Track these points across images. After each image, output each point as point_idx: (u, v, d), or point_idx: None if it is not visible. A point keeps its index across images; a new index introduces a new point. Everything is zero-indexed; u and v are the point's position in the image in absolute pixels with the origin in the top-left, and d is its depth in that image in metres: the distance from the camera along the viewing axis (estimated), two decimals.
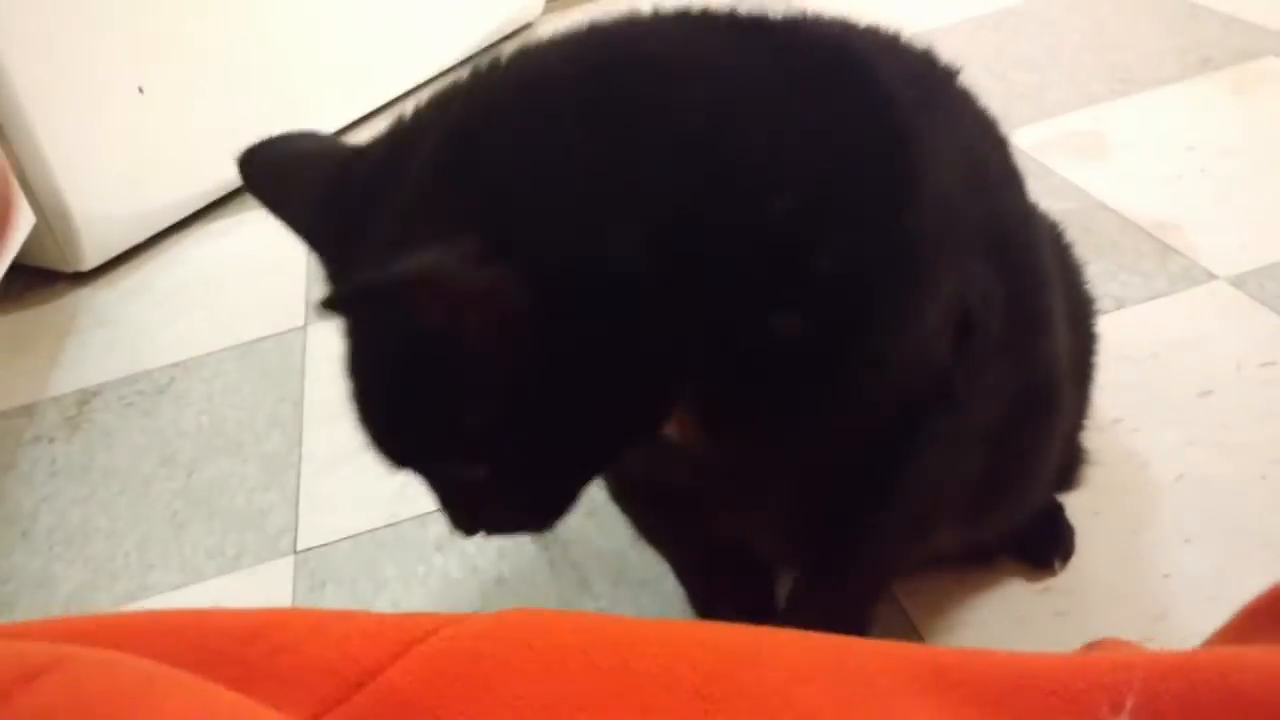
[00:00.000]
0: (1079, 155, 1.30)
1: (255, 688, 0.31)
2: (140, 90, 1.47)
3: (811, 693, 0.31)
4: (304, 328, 1.32)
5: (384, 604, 0.89)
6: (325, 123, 1.78)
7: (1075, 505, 0.82)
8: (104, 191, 1.46)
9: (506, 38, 2.08)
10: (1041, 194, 1.23)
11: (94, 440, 1.18)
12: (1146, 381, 0.94)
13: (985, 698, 0.30)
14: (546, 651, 0.33)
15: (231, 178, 1.62)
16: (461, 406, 0.48)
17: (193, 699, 0.28)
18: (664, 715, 0.31)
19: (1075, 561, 0.79)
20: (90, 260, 1.50)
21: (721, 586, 0.76)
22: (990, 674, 0.31)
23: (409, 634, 0.33)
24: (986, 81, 0.72)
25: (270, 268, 1.47)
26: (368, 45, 1.81)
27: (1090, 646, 0.60)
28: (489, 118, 0.48)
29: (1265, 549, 0.76)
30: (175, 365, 1.29)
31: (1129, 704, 0.28)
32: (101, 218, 1.48)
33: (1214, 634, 0.40)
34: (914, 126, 0.50)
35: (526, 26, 2.12)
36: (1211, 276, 1.04)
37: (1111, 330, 1.01)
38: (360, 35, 1.80)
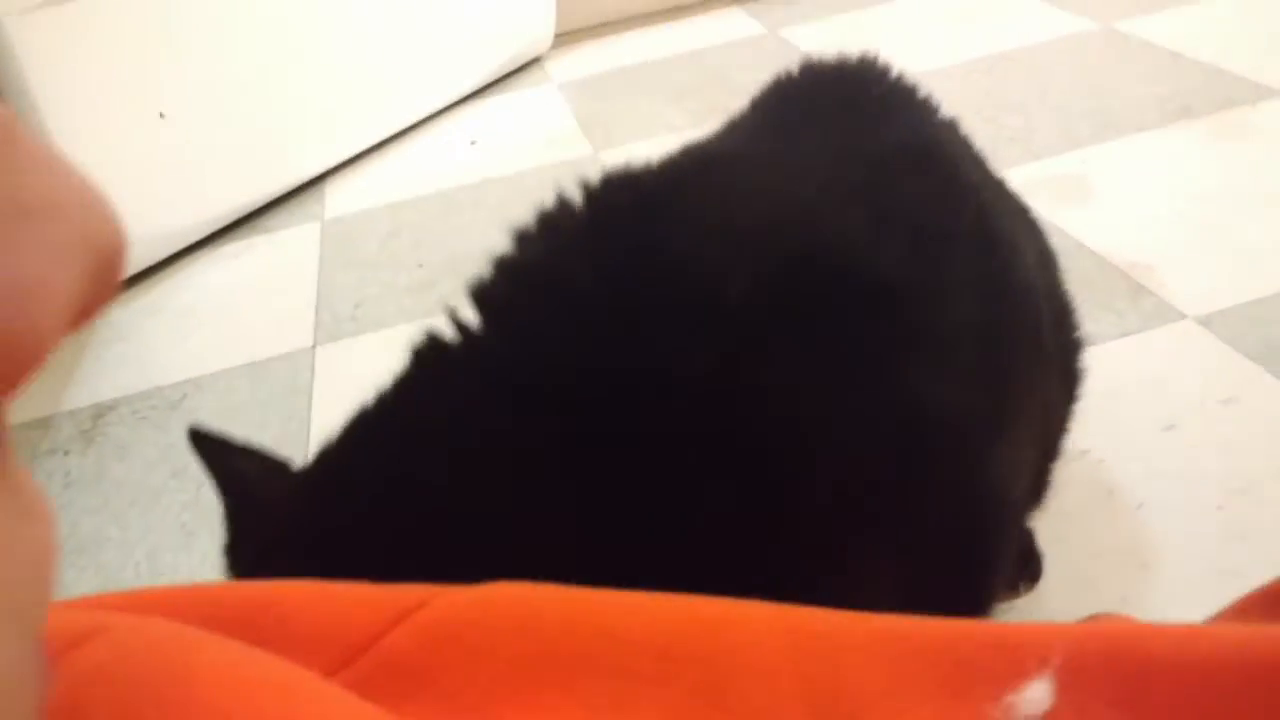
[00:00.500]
0: (1062, 197, 1.36)
1: (269, 651, 0.35)
2: (161, 115, 1.53)
3: (768, 652, 0.35)
4: (312, 348, 1.36)
5: None
6: (332, 153, 1.84)
7: (1041, 530, 0.86)
8: (123, 212, 1.51)
9: (516, 71, 2.14)
10: None
11: (107, 453, 1.23)
12: (1114, 415, 0.98)
13: (928, 651, 0.34)
14: (530, 618, 0.36)
15: (245, 202, 1.69)
16: None
17: (224, 652, 0.32)
18: (634, 676, 0.35)
19: (1040, 585, 0.83)
20: None
21: None
22: (934, 633, 0.35)
23: (405, 602, 0.37)
24: (976, 124, 0.76)
25: (280, 290, 1.52)
26: (379, 76, 1.87)
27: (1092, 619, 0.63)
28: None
29: (1219, 575, 0.81)
30: (187, 382, 1.34)
31: (1055, 661, 0.32)
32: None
33: (1209, 618, 0.43)
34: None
35: (535, 61, 2.18)
36: (1181, 316, 1.09)
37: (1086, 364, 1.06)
38: (373, 66, 1.86)
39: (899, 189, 0.58)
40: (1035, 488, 0.72)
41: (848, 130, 0.62)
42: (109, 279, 0.20)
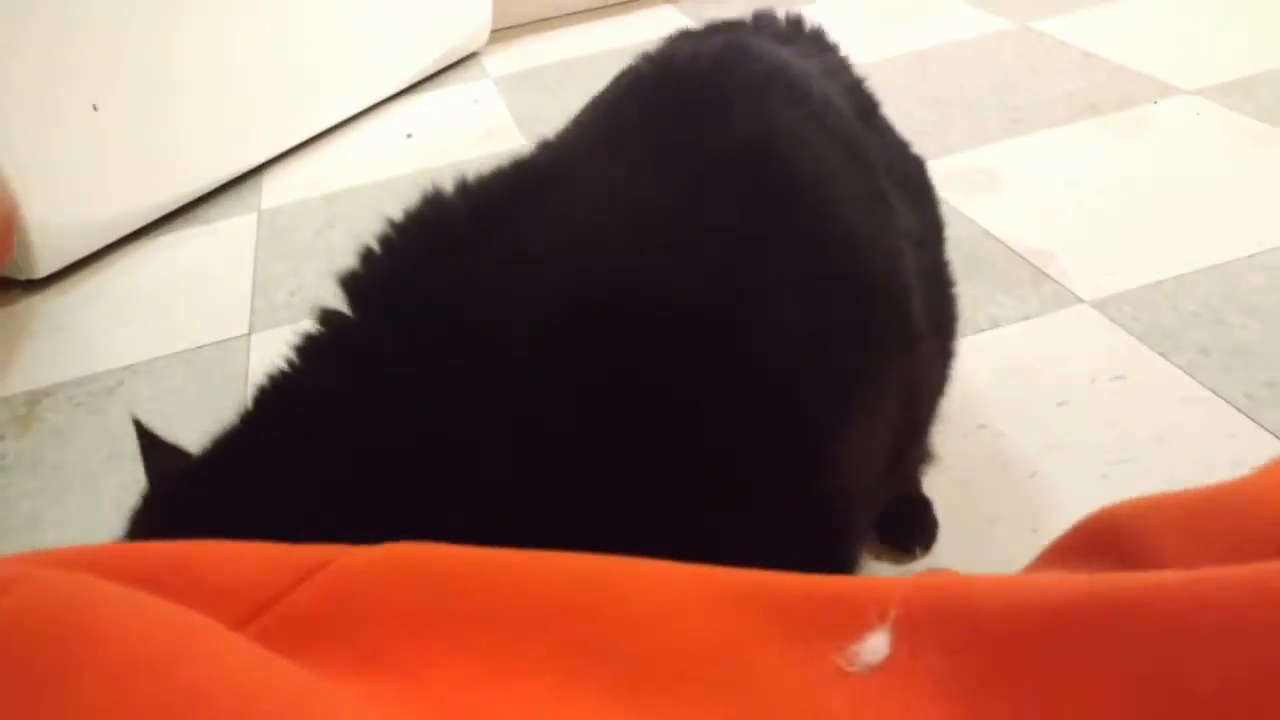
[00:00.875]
0: (973, 189, 1.42)
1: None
2: (95, 108, 1.54)
3: (642, 608, 0.39)
4: (248, 335, 1.39)
5: None
6: (269, 145, 1.86)
7: (940, 498, 0.92)
8: (58, 203, 1.53)
9: (453, 65, 2.17)
10: None
11: (44, 438, 1.24)
12: (1012, 393, 1.04)
13: (779, 606, 0.37)
14: (422, 577, 0.39)
15: (182, 192, 1.71)
16: None
17: (130, 603, 0.34)
18: (520, 629, 0.37)
19: (936, 547, 0.89)
20: (44, 268, 1.56)
21: None
22: (785, 589, 0.38)
23: (309, 562, 0.39)
24: (894, 118, 0.80)
25: (217, 278, 1.54)
26: (317, 69, 1.89)
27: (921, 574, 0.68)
28: None
29: None
30: (124, 369, 1.36)
31: (893, 614, 0.36)
32: (55, 228, 1.54)
33: (1027, 565, 0.48)
34: None
35: (472, 55, 2.20)
36: (1078, 300, 1.16)
37: (987, 347, 1.12)
38: (310, 59, 1.88)
39: (716, 201, 0.57)
40: (909, 458, 0.74)
41: (678, 133, 0.61)
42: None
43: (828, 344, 0.57)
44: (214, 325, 1.42)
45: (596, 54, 2.15)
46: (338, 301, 0.55)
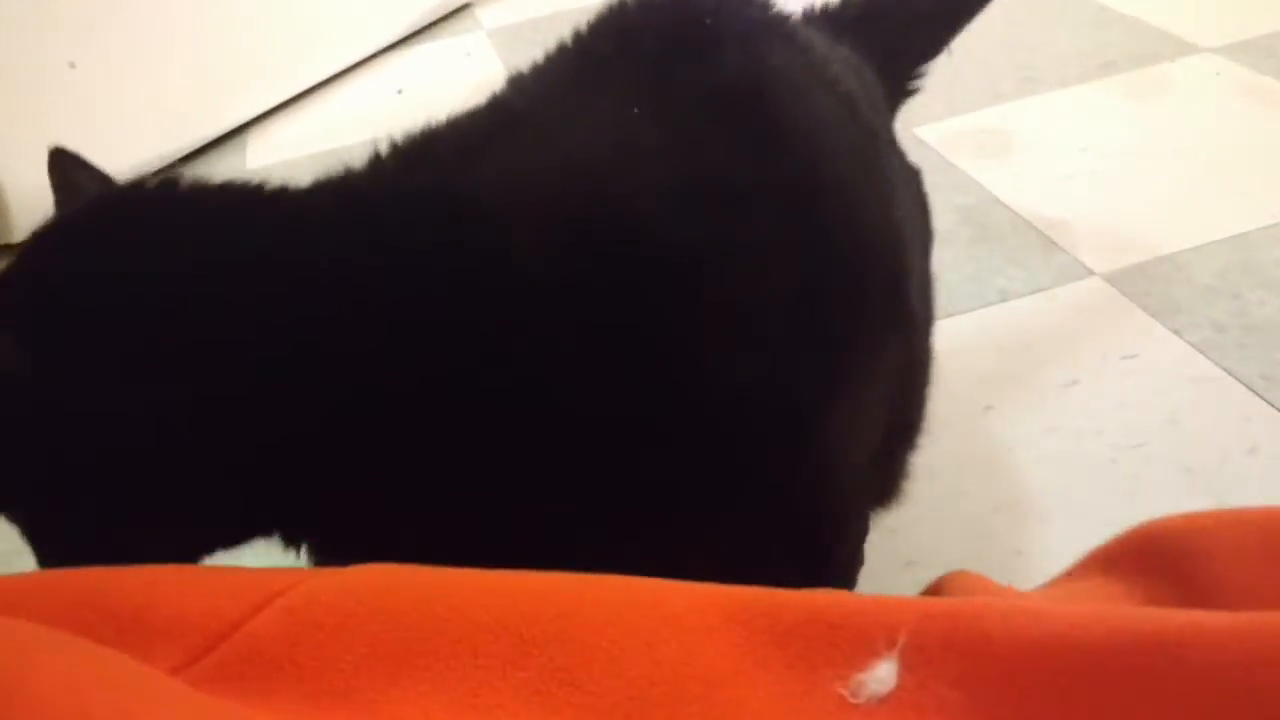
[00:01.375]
0: (982, 152, 1.37)
1: (130, 640, 0.35)
2: (71, 65, 1.49)
3: (622, 634, 0.36)
4: None
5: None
6: (253, 103, 1.81)
7: (943, 484, 0.88)
8: (35, 165, 1.47)
9: (445, 17, 2.11)
10: (944, 189, 1.30)
11: None
12: (1019, 372, 1.00)
13: (777, 629, 0.35)
14: (392, 604, 0.37)
15: (165, 152, 1.66)
16: None
17: (61, 653, 0.32)
18: (493, 659, 0.35)
19: (937, 536, 0.85)
20: (20, 232, 1.51)
21: None
22: (784, 609, 0.36)
23: (270, 588, 0.38)
24: None
25: None
26: (303, 23, 1.83)
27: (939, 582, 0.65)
28: None
29: (1107, 528, 0.82)
30: None
31: (901, 641, 0.33)
32: (33, 190, 1.49)
33: (1058, 575, 0.45)
34: None
35: (465, 7, 2.14)
36: (1090, 273, 1.11)
37: (995, 321, 1.08)
38: (296, 13, 1.82)
39: (706, 141, 0.54)
40: (902, 435, 0.71)
41: (665, 70, 0.57)
42: None
43: (820, 301, 0.54)
44: None
45: (591, 5, 2.08)
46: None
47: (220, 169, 1.70)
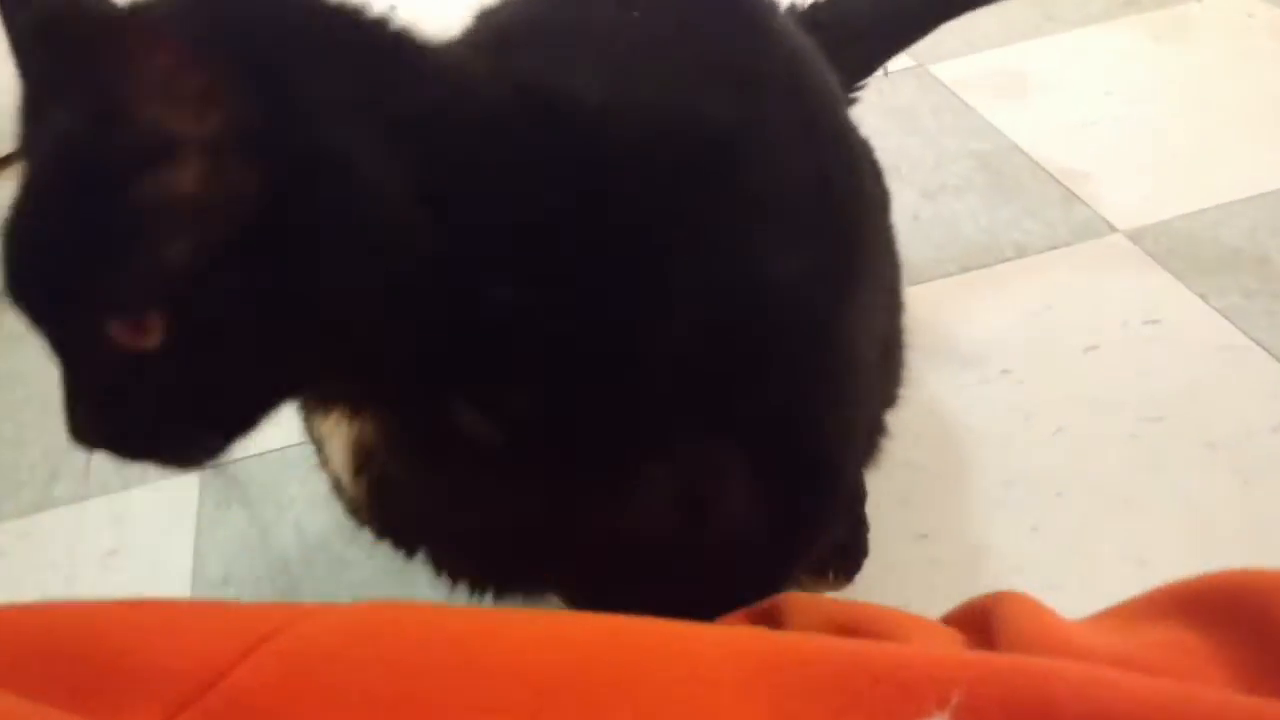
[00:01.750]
0: (999, 94, 1.31)
1: (105, 690, 0.32)
2: None
3: (647, 688, 0.33)
4: None
5: (287, 528, 0.91)
6: None
7: (957, 452, 0.85)
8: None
9: None
10: (960, 132, 1.25)
11: (1, 347, 1.17)
12: (1037, 334, 0.97)
13: (813, 684, 0.32)
14: (391, 649, 0.34)
15: None
16: (133, 234, 0.40)
17: None
18: (505, 715, 0.32)
19: (950, 510, 0.83)
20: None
21: None
22: (820, 660, 0.33)
23: (260, 629, 0.35)
24: None
25: None
26: None
27: (969, 603, 0.63)
28: None
29: (1126, 505, 0.81)
30: None
31: (954, 700, 0.30)
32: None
33: (1119, 606, 0.42)
34: None
35: None
36: (1112, 229, 1.07)
37: (1011, 278, 1.05)
38: None
39: (711, 36, 0.56)
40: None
41: None
42: None
43: (830, 189, 0.56)
44: None
45: None
46: None
47: None
